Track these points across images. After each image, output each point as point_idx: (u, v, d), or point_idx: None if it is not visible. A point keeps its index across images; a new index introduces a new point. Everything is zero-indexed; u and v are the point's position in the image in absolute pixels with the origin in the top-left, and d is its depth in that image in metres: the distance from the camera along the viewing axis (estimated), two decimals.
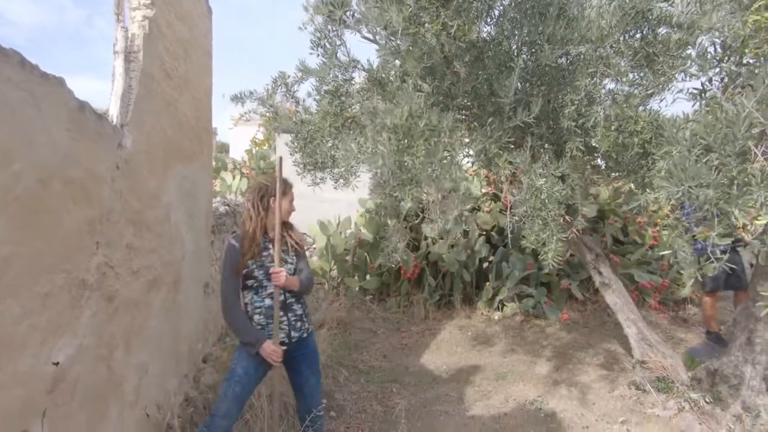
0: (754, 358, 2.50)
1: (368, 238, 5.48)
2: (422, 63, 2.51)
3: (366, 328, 4.62)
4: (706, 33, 2.12)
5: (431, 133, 1.88)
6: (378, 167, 1.75)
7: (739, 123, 1.25)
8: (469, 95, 2.42)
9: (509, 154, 2.15)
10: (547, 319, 4.76)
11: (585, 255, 3.29)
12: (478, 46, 2.63)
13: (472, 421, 2.87)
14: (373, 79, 2.38)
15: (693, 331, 4.39)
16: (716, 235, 1.31)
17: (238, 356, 2.01)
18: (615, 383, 3.22)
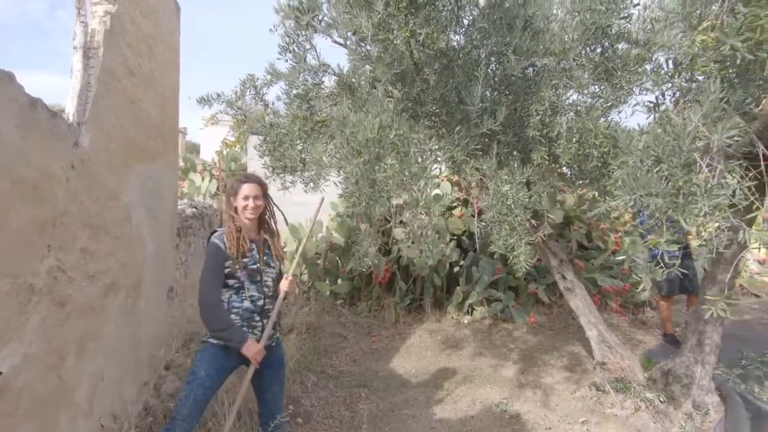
0: (704, 359, 2.63)
1: (340, 242, 5.45)
2: (393, 69, 2.54)
3: (336, 332, 4.59)
4: (661, 50, 2.24)
5: (402, 144, 1.89)
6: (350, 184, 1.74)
7: (685, 136, 1.33)
8: (438, 102, 2.46)
9: (476, 160, 2.20)
10: (515, 323, 4.87)
11: (550, 260, 3.38)
12: (448, 54, 2.68)
13: (440, 424, 2.90)
14: (343, 84, 2.38)
15: (651, 333, 4.58)
16: (665, 242, 1.39)
17: (200, 359, 1.95)
18: (577, 384, 3.32)
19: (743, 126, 1.49)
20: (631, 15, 2.24)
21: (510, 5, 2.57)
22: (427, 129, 2.49)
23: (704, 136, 1.42)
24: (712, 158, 1.46)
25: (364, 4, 1.69)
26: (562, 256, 3.39)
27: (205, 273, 1.91)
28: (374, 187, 1.61)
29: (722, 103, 1.54)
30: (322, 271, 5.44)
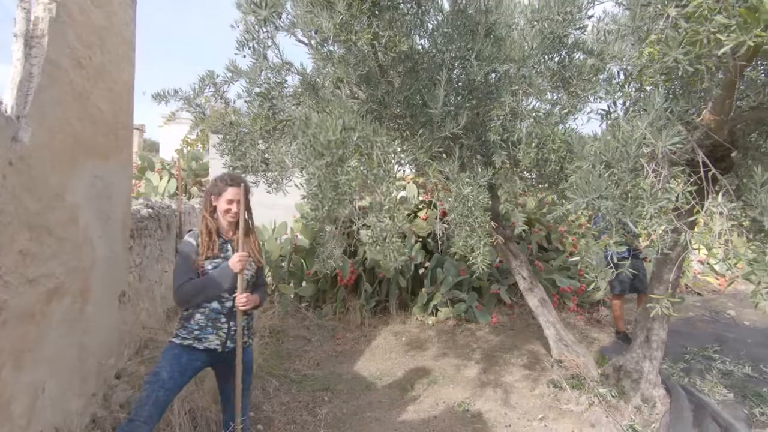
0: (651, 354, 2.78)
1: (305, 243, 5.38)
2: (357, 71, 2.54)
3: (300, 335, 4.52)
4: (614, 61, 2.36)
5: (365, 146, 1.88)
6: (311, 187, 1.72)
7: (632, 142, 1.40)
8: (402, 105, 2.47)
9: (439, 163, 2.22)
10: (478, 323, 4.96)
11: (511, 261, 3.47)
12: (413, 57, 2.70)
13: (402, 425, 2.90)
14: (307, 84, 2.35)
15: (605, 331, 4.79)
16: (614, 243, 1.45)
17: (163, 359, 1.89)
18: (536, 382, 3.42)
19: (685, 134, 1.58)
20: (586, 26, 2.34)
21: (473, 12, 2.62)
22: (391, 131, 2.49)
23: (650, 143, 1.50)
24: (657, 164, 1.54)
25: (325, 3, 1.68)
26: (522, 257, 3.49)
27: (176, 271, 1.90)
28: (337, 190, 1.59)
29: (666, 113, 1.63)
30: (287, 273, 5.34)
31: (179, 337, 1.91)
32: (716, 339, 4.47)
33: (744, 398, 3.13)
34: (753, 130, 2.49)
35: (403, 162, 2.26)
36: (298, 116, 2.08)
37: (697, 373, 3.53)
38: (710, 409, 2.78)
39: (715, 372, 3.55)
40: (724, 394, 3.16)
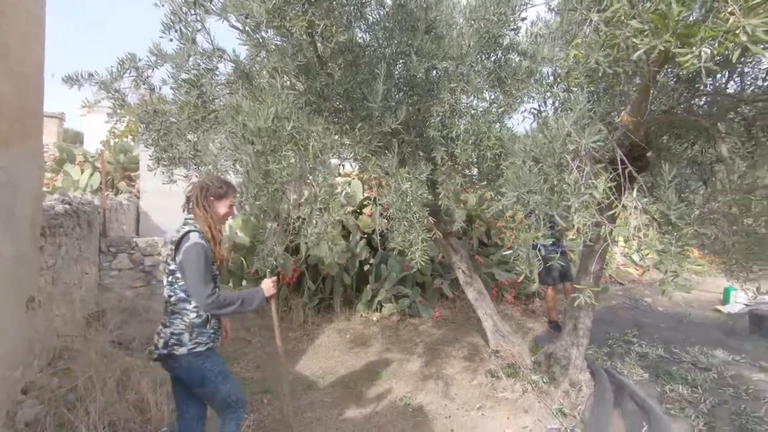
0: (578, 341, 2.96)
1: (245, 241, 5.17)
2: (296, 61, 2.45)
3: (239, 337, 4.33)
4: (545, 62, 2.47)
5: (300, 136, 1.82)
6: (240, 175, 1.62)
7: (557, 139, 1.46)
8: (342, 97, 2.43)
9: (378, 158, 2.20)
10: (421, 317, 5.05)
11: (451, 256, 3.55)
12: (354, 50, 2.66)
13: (344, 424, 2.87)
14: (240, 72, 2.23)
15: (539, 321, 5.06)
16: (542, 236, 1.52)
17: (212, 367, 1.92)
18: (475, 373, 3.53)
19: (606, 133, 1.68)
20: (519, 28, 2.42)
21: (414, 8, 2.63)
22: (331, 124, 2.44)
23: (575, 141, 1.57)
24: (581, 160, 1.62)
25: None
26: (462, 252, 3.57)
27: (200, 274, 1.80)
28: (267, 179, 1.52)
29: (590, 113, 1.72)
30: (226, 273, 5.10)
31: (202, 345, 1.90)
32: (635, 325, 4.88)
33: (657, 377, 3.44)
34: (665, 133, 2.72)
35: (342, 155, 2.22)
36: (229, 104, 1.96)
37: (618, 357, 3.83)
38: (628, 389, 3.02)
39: (633, 355, 3.87)
40: (640, 375, 3.45)
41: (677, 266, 1.46)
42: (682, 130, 2.63)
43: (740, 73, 2.40)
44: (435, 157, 2.53)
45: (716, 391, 3.23)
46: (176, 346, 1.86)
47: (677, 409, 2.93)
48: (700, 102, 2.57)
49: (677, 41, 1.19)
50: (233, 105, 1.83)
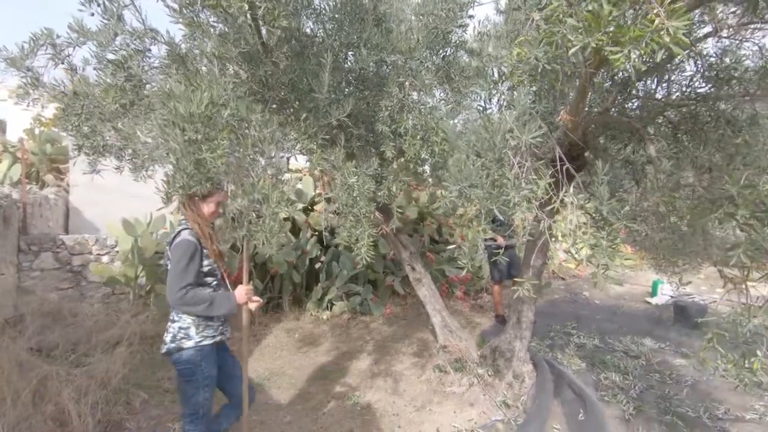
0: (522, 334, 3.05)
1: None
2: (238, 47, 2.33)
3: None
4: (491, 60, 2.50)
5: (239, 124, 1.72)
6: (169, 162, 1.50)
7: (497, 134, 1.47)
8: (287, 87, 2.33)
9: (324, 151, 2.14)
10: (373, 315, 5.03)
11: (401, 252, 3.54)
12: (301, 39, 2.58)
13: (289, 426, 2.78)
14: (175, 55, 2.08)
15: (486, 316, 5.20)
16: (482, 230, 1.53)
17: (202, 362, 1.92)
18: (424, 369, 3.55)
19: (545, 131, 1.72)
20: (467, 25, 2.44)
21: (363, 0, 2.58)
22: (275, 114, 2.34)
23: (516, 137, 1.59)
24: (522, 157, 1.65)
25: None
26: (411, 248, 3.58)
27: (180, 269, 1.85)
28: (200, 168, 1.41)
29: (531, 111, 1.76)
30: (165, 272, 4.80)
31: (209, 338, 1.95)
32: (574, 317, 5.14)
33: (593, 366, 3.63)
34: (601, 133, 2.86)
35: (286, 147, 2.13)
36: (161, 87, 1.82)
37: (558, 348, 4.01)
38: (567, 378, 3.16)
39: (572, 346, 4.06)
40: (578, 364, 3.63)
41: (608, 260, 1.52)
42: (616, 132, 2.77)
43: (667, 80, 2.57)
44: (384, 152, 2.50)
45: (644, 377, 3.46)
46: (184, 339, 1.91)
47: (610, 396, 3.10)
48: (632, 105, 2.72)
49: (609, 40, 1.23)
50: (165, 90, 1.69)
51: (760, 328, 1.54)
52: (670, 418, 2.83)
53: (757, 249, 1.59)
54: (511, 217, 1.64)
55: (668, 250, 3.10)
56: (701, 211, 1.87)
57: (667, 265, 3.26)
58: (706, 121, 2.43)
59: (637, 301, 6.09)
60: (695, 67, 2.41)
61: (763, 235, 1.62)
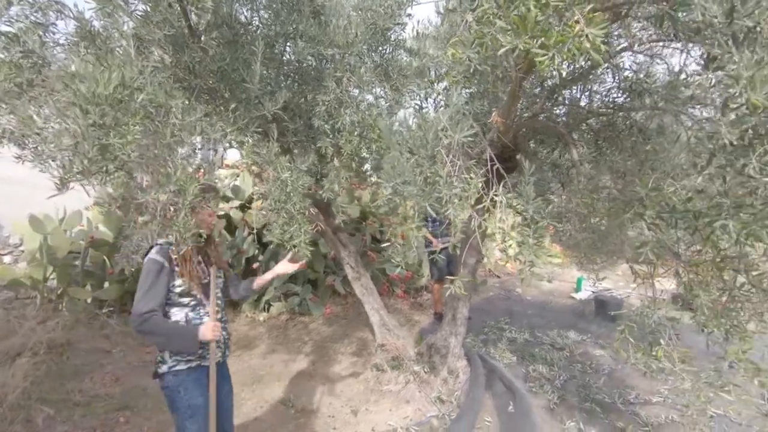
0: (457, 330, 3.13)
1: (107, 236, 4.49)
2: (163, 30, 2.17)
3: (96, 348, 3.74)
4: (431, 60, 2.53)
5: (157, 111, 1.58)
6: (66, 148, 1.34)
7: (429, 132, 1.48)
8: (216, 76, 2.20)
9: (256, 144, 2.04)
10: (312, 315, 4.92)
11: (340, 251, 3.49)
12: (234, 27, 2.45)
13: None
14: (85, 32, 1.87)
15: (426, 313, 5.29)
16: (416, 228, 1.53)
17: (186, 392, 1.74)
18: (362, 368, 3.53)
19: (477, 130, 1.75)
20: (406, 23, 2.45)
21: None
22: (203, 103, 2.19)
23: (449, 135, 1.60)
24: (455, 155, 1.67)
25: None
26: (351, 247, 3.54)
27: (138, 294, 1.68)
28: (105, 154, 1.26)
29: (465, 111, 1.79)
30: (81, 274, 4.37)
31: (183, 362, 1.76)
32: (508, 313, 5.38)
33: (523, 359, 3.81)
34: (531, 137, 3.00)
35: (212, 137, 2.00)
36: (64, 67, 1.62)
37: (492, 343, 4.16)
38: (498, 372, 3.29)
39: (504, 340, 4.24)
40: (509, 358, 3.79)
41: (533, 257, 1.58)
42: (545, 136, 2.92)
43: (590, 90, 2.75)
44: (321, 148, 2.44)
45: (568, 367, 3.69)
46: (160, 363, 1.76)
47: (537, 387, 3.27)
48: (560, 111, 2.88)
49: (535, 43, 1.27)
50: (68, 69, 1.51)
51: (663, 320, 1.67)
52: (589, 405, 3.04)
53: (662, 247, 1.73)
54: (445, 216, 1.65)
55: (589, 249, 3.32)
56: (615, 212, 2.01)
57: (588, 263, 3.50)
58: (621, 129, 2.62)
59: (564, 296, 6.51)
60: (613, 79, 2.60)
61: (667, 234, 1.77)
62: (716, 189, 1.33)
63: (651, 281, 2.03)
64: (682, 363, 1.78)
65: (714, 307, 1.70)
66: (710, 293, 1.70)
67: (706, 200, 1.38)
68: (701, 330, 1.77)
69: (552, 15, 1.29)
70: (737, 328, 1.67)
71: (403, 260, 1.63)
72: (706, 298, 1.70)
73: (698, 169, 1.23)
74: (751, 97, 0.93)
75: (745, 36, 0.98)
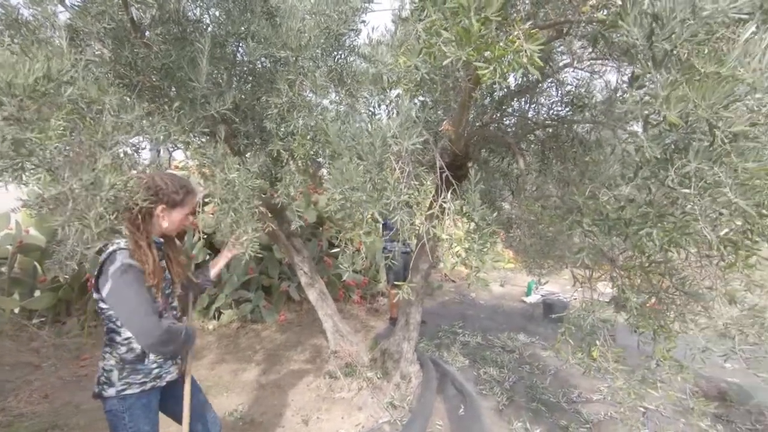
0: (409, 335, 3.15)
1: (39, 241, 4.16)
2: (102, 22, 2.06)
3: (21, 362, 3.44)
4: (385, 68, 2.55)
5: (89, 107, 1.48)
6: None
7: (377, 138, 1.49)
8: (160, 73, 2.10)
9: (202, 145, 1.96)
10: (265, 323, 4.79)
11: (293, 257, 3.42)
12: (182, 23, 2.36)
13: None
14: (11, 20, 1.73)
15: (382, 319, 5.29)
16: (363, 233, 1.53)
17: (132, 422, 1.54)
18: (314, 376, 3.47)
19: (427, 137, 1.78)
20: (360, 30, 2.46)
21: None
22: (145, 102, 2.09)
23: (398, 142, 1.62)
24: (404, 162, 1.69)
25: None
26: (305, 252, 3.48)
27: (137, 306, 1.45)
28: (19, 149, 1.16)
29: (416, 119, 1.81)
30: (7, 281, 4.01)
31: (136, 385, 1.56)
32: (461, 317, 5.49)
33: (475, 362, 3.89)
34: (482, 146, 3.10)
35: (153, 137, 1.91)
36: None
37: (445, 347, 4.23)
38: (450, 375, 3.34)
39: (457, 344, 4.32)
40: (462, 361, 3.87)
41: (479, 262, 1.62)
42: (495, 145, 3.02)
43: (536, 102, 2.88)
44: (272, 151, 2.40)
45: (517, 369, 3.81)
46: (106, 385, 1.54)
47: (487, 389, 3.35)
48: (510, 122, 2.99)
49: (478, 55, 1.31)
50: None
51: (598, 322, 1.77)
52: (535, 405, 3.15)
53: (598, 253, 1.83)
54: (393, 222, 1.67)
55: (537, 254, 3.46)
56: (558, 219, 2.10)
57: (536, 267, 3.64)
58: (565, 141, 2.76)
59: (515, 300, 6.74)
60: (557, 93, 2.74)
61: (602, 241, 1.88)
62: (643, 199, 1.42)
63: (589, 285, 2.14)
64: (615, 362, 1.88)
65: (643, 308, 1.82)
66: (640, 296, 1.82)
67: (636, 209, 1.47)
68: (633, 330, 1.89)
69: (495, 30, 1.35)
70: (663, 329, 1.80)
71: (351, 266, 1.63)
72: (637, 301, 1.82)
73: (626, 180, 1.32)
74: (668, 116, 1.01)
75: (663, 58, 1.06)
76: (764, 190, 1.04)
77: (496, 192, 3.50)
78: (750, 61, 0.88)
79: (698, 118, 1.00)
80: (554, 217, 2.34)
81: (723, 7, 0.88)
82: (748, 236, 1.19)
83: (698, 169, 1.07)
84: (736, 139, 1.00)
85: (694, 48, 1.07)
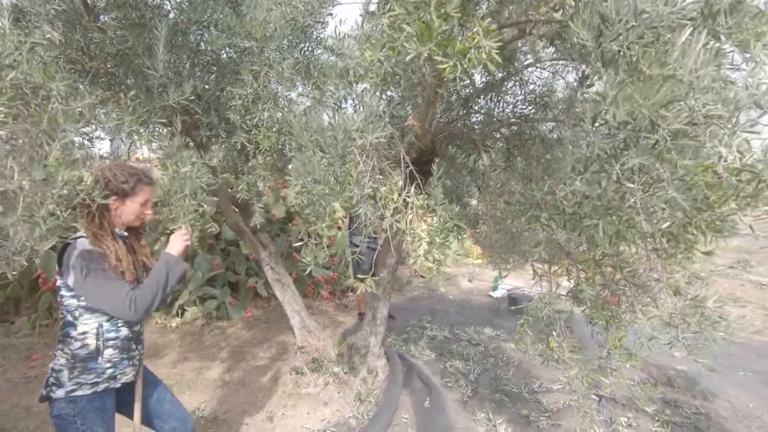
0: (376, 330, 3.16)
1: None
2: (52, 4, 1.95)
3: None
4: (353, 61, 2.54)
5: (33, 93, 1.41)
6: None
7: (339, 131, 1.49)
8: (115, 59, 2.02)
9: (156, 136, 1.90)
10: (231, 320, 4.70)
11: (260, 252, 3.37)
12: (140, 8, 2.27)
13: None
14: None
15: (350, 314, 5.29)
16: (325, 227, 1.52)
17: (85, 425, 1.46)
18: (280, 372, 3.43)
19: (392, 131, 1.79)
20: (327, 22, 2.44)
21: None
22: (99, 89, 2.00)
23: (363, 136, 1.62)
24: (369, 156, 1.69)
25: None
26: (272, 248, 3.43)
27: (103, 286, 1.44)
28: None
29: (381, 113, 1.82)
30: None
31: (87, 386, 1.48)
32: (430, 311, 5.57)
33: (441, 356, 3.96)
34: (449, 143, 3.14)
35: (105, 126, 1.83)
36: None
37: (413, 342, 4.27)
38: (417, 369, 3.38)
39: (425, 338, 4.38)
40: (429, 355, 3.92)
41: (441, 255, 1.65)
42: (461, 142, 3.07)
43: (501, 100, 2.94)
44: (236, 143, 2.35)
45: (482, 361, 3.90)
46: (54, 386, 1.46)
47: (453, 382, 3.41)
48: (475, 119, 3.04)
49: (439, 50, 1.32)
50: None
51: (553, 313, 1.83)
52: (499, 396, 3.24)
53: (554, 246, 1.90)
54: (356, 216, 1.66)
55: (502, 249, 3.55)
56: (518, 214, 2.16)
57: (501, 262, 3.73)
58: (528, 138, 2.84)
59: (483, 295, 6.89)
60: (521, 92, 2.80)
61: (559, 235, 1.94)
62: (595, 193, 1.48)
63: (548, 278, 2.22)
64: (571, 352, 1.96)
65: (597, 300, 1.91)
66: (594, 288, 1.90)
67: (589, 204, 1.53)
68: (588, 321, 1.98)
69: (457, 26, 1.36)
70: (615, 319, 1.89)
71: (314, 260, 1.62)
72: (591, 293, 1.90)
73: (577, 173, 1.37)
74: (615, 114, 1.05)
75: (612, 58, 1.11)
76: (701, 185, 1.10)
77: (463, 188, 3.56)
78: (687, 61, 0.93)
79: (642, 116, 1.05)
80: (516, 212, 2.41)
81: (662, 10, 0.93)
82: (687, 230, 1.26)
83: (642, 165, 1.12)
84: (676, 138, 1.06)
85: (641, 50, 1.12)
